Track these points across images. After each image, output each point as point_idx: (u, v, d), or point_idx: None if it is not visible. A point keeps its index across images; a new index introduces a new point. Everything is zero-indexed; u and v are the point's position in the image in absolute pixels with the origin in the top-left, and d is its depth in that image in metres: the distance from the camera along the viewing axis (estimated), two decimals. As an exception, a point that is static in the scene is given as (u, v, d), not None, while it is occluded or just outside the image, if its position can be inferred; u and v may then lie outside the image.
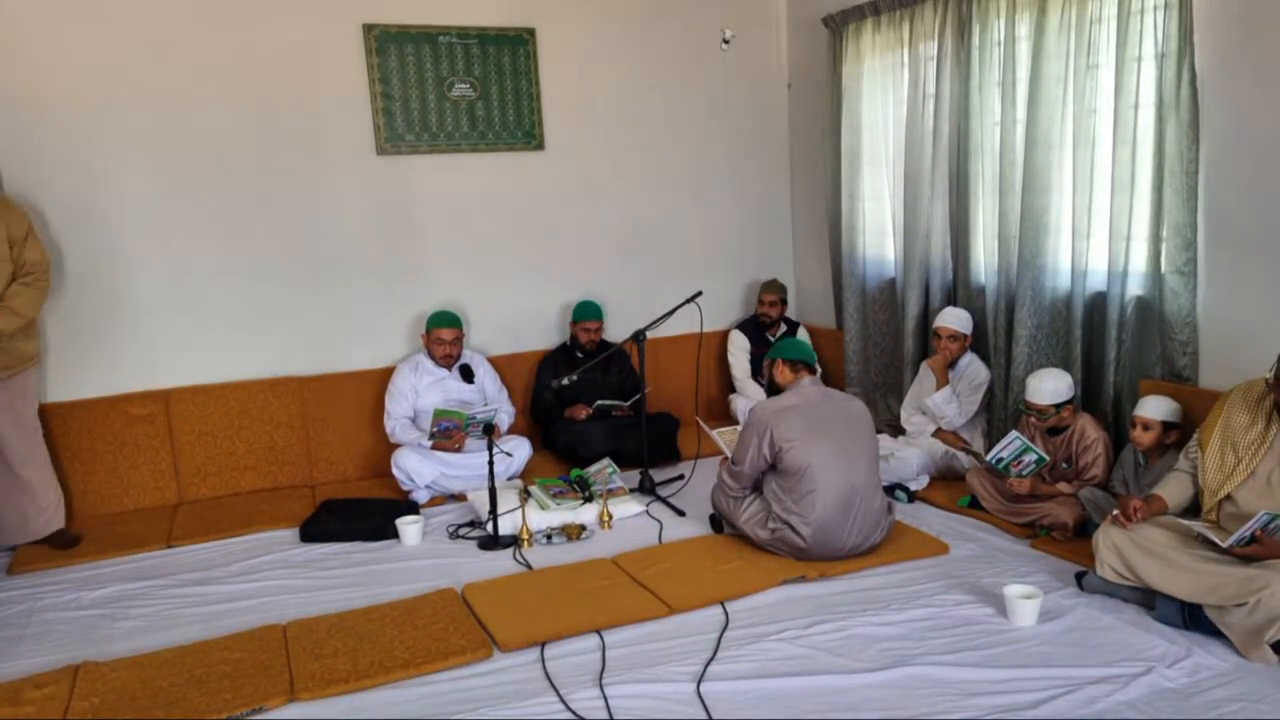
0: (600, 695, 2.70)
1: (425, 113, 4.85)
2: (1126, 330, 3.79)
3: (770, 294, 5.42)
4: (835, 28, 5.06)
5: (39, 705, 2.74)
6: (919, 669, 2.76)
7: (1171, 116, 3.47)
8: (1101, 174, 3.78)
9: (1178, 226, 3.52)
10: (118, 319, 4.45)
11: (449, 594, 3.36)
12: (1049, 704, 2.55)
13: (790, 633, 3.01)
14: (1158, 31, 3.50)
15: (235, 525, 4.18)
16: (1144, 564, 2.98)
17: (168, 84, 4.37)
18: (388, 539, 3.99)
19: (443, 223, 4.98)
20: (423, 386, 4.63)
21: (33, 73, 4.16)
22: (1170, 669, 2.69)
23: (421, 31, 4.80)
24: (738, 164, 5.65)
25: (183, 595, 3.54)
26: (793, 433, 3.46)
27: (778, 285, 5.47)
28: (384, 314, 4.91)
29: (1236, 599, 2.73)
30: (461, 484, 4.42)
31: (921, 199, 4.62)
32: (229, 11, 4.44)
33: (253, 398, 4.65)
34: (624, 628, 3.10)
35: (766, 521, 3.56)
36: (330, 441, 4.81)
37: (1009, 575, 3.34)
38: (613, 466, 4.31)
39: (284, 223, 4.67)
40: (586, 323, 5.03)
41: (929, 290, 4.74)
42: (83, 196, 4.31)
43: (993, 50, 4.21)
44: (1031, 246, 4.05)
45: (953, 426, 4.39)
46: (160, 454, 4.53)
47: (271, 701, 2.72)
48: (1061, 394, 3.72)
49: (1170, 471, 3.25)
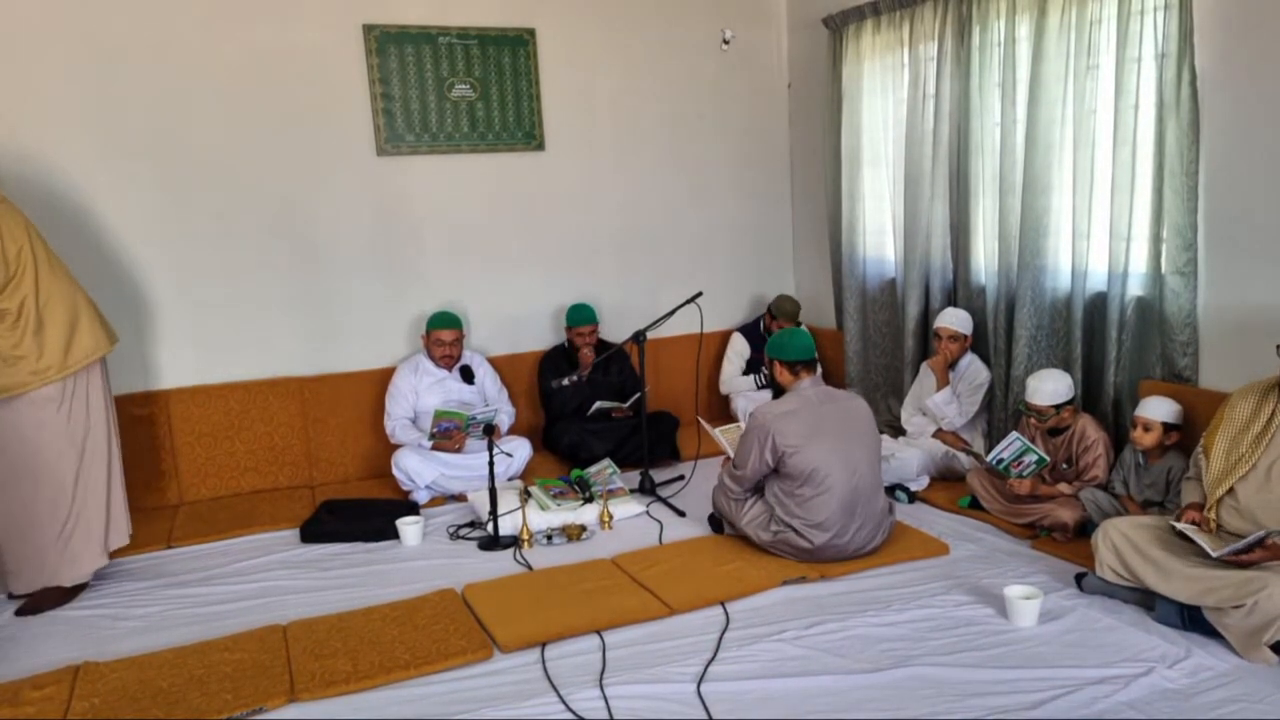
0: (600, 696, 2.70)
1: (425, 113, 4.85)
2: (1127, 330, 3.79)
3: (783, 320, 5.14)
4: (835, 28, 5.06)
5: (39, 705, 2.74)
6: (919, 669, 2.76)
7: (1171, 116, 3.47)
8: (1101, 174, 3.78)
9: (1178, 226, 3.52)
10: (118, 319, 4.41)
11: (449, 594, 3.36)
12: (1049, 704, 2.55)
13: (790, 633, 3.01)
14: (1158, 32, 3.50)
15: (235, 525, 4.18)
16: (1142, 566, 2.98)
17: (168, 84, 4.37)
18: (388, 539, 3.98)
19: (443, 223, 4.98)
20: (423, 387, 4.63)
21: (32, 72, 4.17)
22: (1170, 670, 2.69)
23: (421, 32, 4.80)
24: (738, 164, 5.65)
25: (183, 595, 3.54)
26: (795, 437, 3.45)
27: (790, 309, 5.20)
28: (384, 314, 4.91)
29: (1234, 601, 2.73)
30: (462, 484, 4.41)
31: (921, 199, 4.62)
32: (229, 12, 4.44)
33: (253, 398, 4.65)
34: (624, 628, 3.10)
35: (769, 524, 3.56)
36: (330, 442, 4.81)
37: (1009, 576, 3.34)
38: (613, 467, 4.31)
39: (284, 223, 4.67)
40: (581, 328, 4.96)
41: (929, 290, 4.74)
42: (82, 197, 4.31)
43: (993, 51, 4.21)
44: (1031, 247, 4.05)
45: (953, 427, 4.38)
46: (160, 454, 4.53)
47: (271, 702, 2.72)
48: (1061, 395, 3.72)
49: (1184, 481, 3.26)
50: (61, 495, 3.45)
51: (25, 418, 3.37)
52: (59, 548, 3.46)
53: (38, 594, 3.47)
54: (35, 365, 3.35)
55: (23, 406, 3.36)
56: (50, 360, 3.37)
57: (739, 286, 5.73)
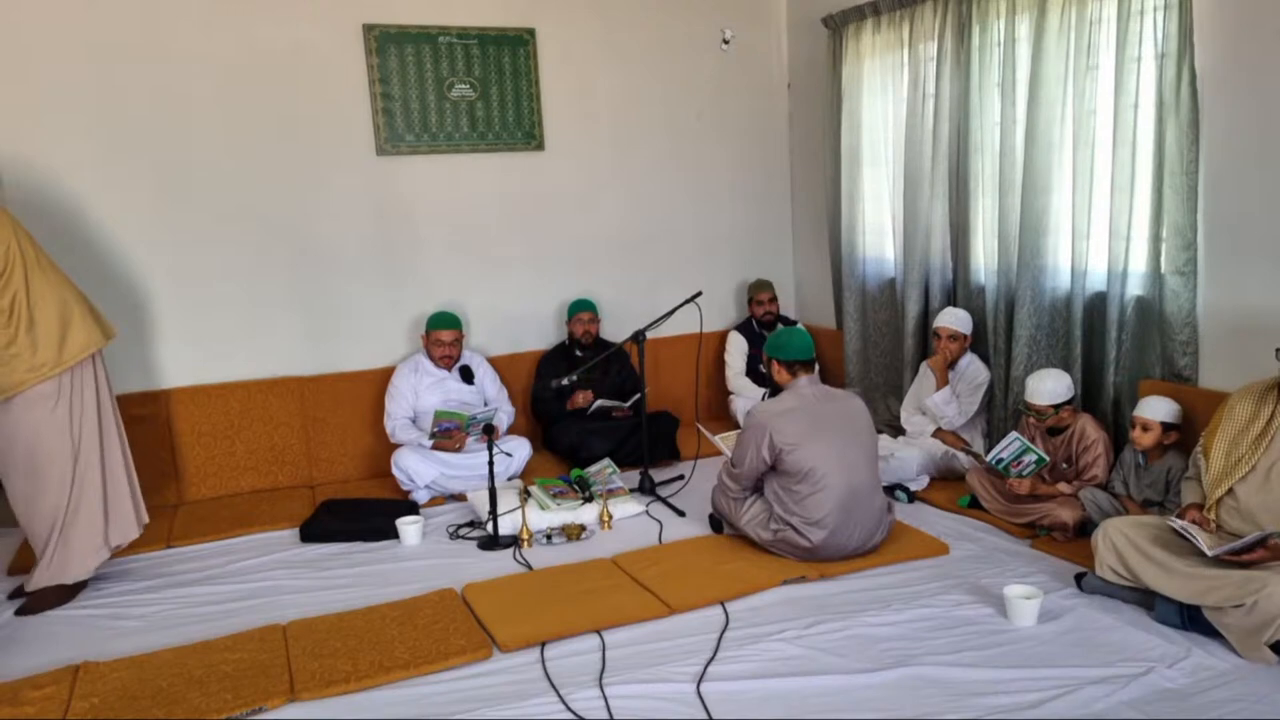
0: (600, 695, 2.70)
1: (425, 113, 4.85)
2: (1126, 330, 3.79)
3: (765, 292, 5.42)
4: (835, 28, 5.06)
5: (39, 705, 2.74)
6: (919, 669, 2.76)
7: (1171, 116, 3.47)
8: (1101, 174, 3.78)
9: (1178, 226, 3.52)
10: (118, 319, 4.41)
11: (449, 594, 3.36)
12: (1049, 704, 2.55)
13: (790, 633, 3.01)
14: (1158, 32, 3.50)
15: (235, 525, 4.18)
16: (1142, 565, 2.98)
17: (167, 84, 4.37)
18: (388, 539, 3.98)
19: (443, 223, 4.98)
20: (422, 387, 4.64)
21: (32, 72, 4.17)
22: (1170, 669, 2.69)
23: (421, 32, 4.80)
24: (738, 164, 5.65)
25: (183, 595, 3.54)
26: (793, 435, 3.45)
27: (767, 283, 5.47)
28: (384, 314, 4.91)
29: (1234, 600, 2.73)
30: (461, 484, 4.41)
31: (921, 199, 4.62)
32: (229, 12, 4.44)
33: (253, 398, 4.65)
34: (624, 628, 3.10)
35: (768, 523, 3.56)
36: (330, 441, 4.81)
37: (1009, 575, 3.34)
38: (613, 467, 4.31)
39: (284, 223, 4.67)
40: (581, 314, 5.03)
41: (929, 290, 4.74)
42: (82, 197, 4.31)
43: (993, 50, 4.21)
44: (1031, 246, 4.05)
45: (952, 427, 4.39)
46: (160, 454, 4.52)
47: (271, 701, 2.72)
48: (1060, 394, 3.72)
49: (1184, 481, 3.27)
50: (61, 491, 3.46)
51: (22, 416, 3.37)
52: (59, 543, 3.47)
53: (36, 594, 3.47)
54: (31, 362, 3.33)
55: (19, 404, 3.35)
56: (45, 356, 3.36)
57: (739, 286, 5.74)
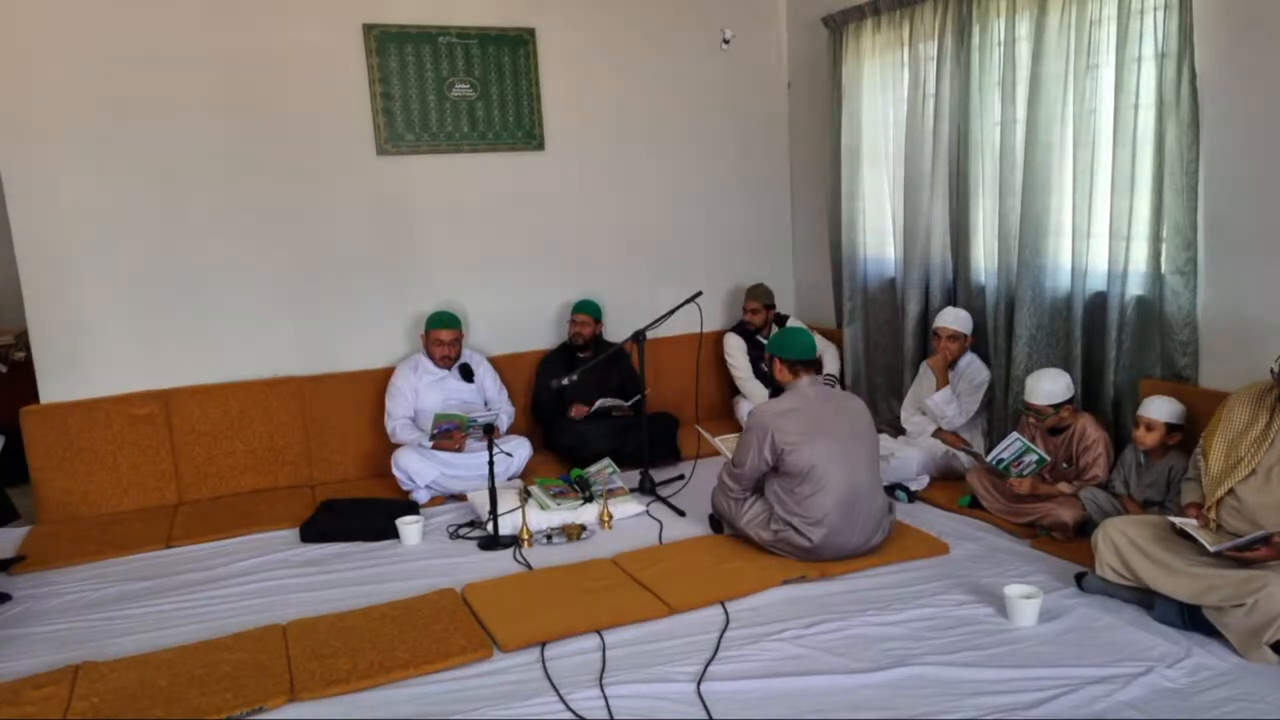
0: (600, 695, 2.70)
1: (425, 113, 4.85)
2: (1126, 330, 3.79)
3: (753, 301, 5.31)
4: (835, 28, 5.06)
5: (39, 705, 2.74)
6: (919, 669, 2.76)
7: (1171, 116, 3.47)
8: (1101, 174, 3.78)
9: (1178, 226, 3.52)
10: (118, 319, 4.45)
11: (449, 594, 3.36)
12: (1049, 704, 2.55)
13: (791, 633, 3.01)
14: (1158, 31, 3.50)
15: (235, 525, 4.17)
16: (1142, 564, 2.98)
17: (167, 84, 4.37)
18: (388, 539, 3.98)
19: (443, 223, 4.98)
20: (422, 386, 4.63)
21: (32, 72, 4.17)
22: (1170, 669, 2.69)
23: (421, 31, 4.80)
24: (738, 164, 5.65)
25: (183, 595, 3.54)
26: (794, 435, 3.45)
27: (761, 291, 5.33)
28: (384, 314, 4.91)
29: (1234, 600, 2.73)
30: (462, 484, 4.41)
31: (921, 199, 4.62)
32: (228, 12, 4.44)
33: (253, 398, 4.65)
34: (624, 628, 3.09)
35: (769, 523, 3.56)
36: (330, 441, 4.81)
37: (1009, 575, 3.34)
38: (613, 466, 4.31)
39: (284, 223, 4.67)
40: (576, 315, 5.03)
41: (929, 290, 4.74)
42: (82, 196, 4.31)
43: (993, 50, 4.21)
44: (1031, 246, 4.05)
45: (953, 426, 4.39)
46: (160, 454, 4.52)
47: (271, 701, 2.72)
48: (1060, 394, 3.71)
49: (1184, 481, 3.27)
50: None
51: None
52: None
53: None
54: None
55: None
56: None
57: (739, 286, 5.73)
